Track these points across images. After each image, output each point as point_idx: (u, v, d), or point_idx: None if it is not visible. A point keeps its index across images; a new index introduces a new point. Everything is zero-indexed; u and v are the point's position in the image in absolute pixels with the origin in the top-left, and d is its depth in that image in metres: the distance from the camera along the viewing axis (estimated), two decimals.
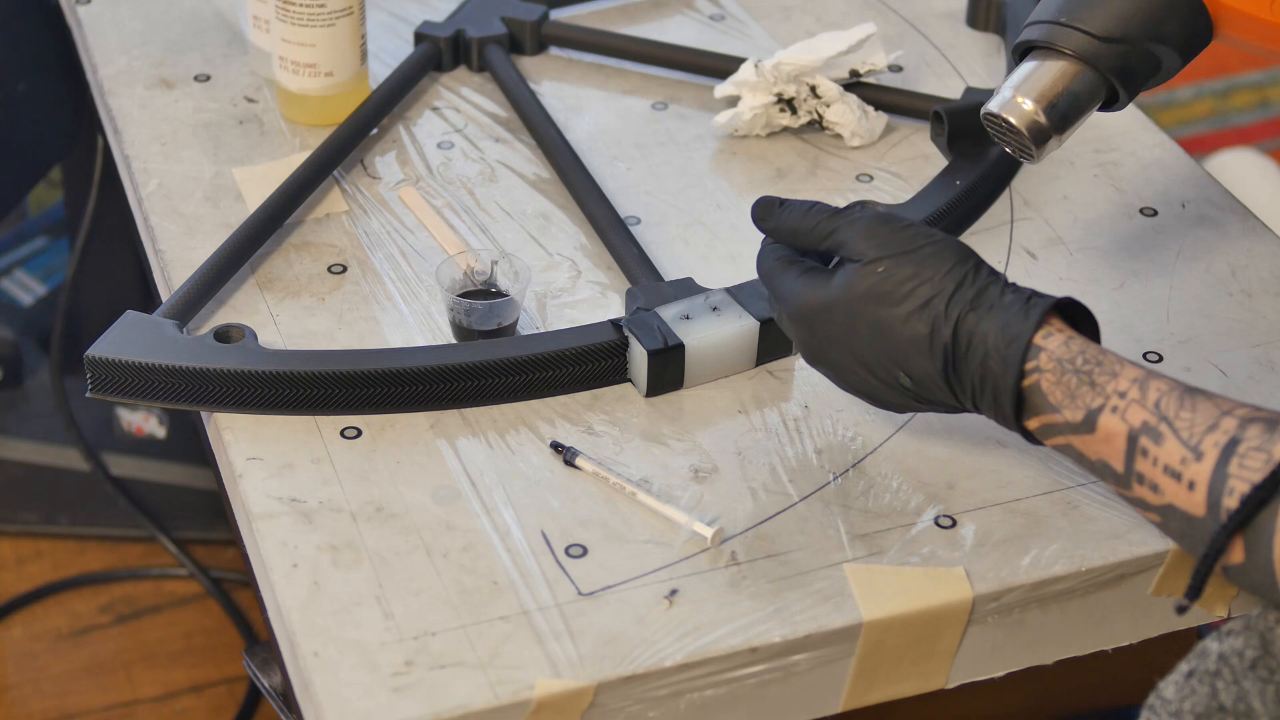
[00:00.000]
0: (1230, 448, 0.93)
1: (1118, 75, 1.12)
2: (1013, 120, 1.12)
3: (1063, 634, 1.08)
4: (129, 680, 1.86)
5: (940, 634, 1.05)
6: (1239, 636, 0.90)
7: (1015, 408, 1.00)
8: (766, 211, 1.10)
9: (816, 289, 1.05)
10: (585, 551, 1.06)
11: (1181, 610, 0.93)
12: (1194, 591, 0.93)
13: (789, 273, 1.08)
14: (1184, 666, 0.91)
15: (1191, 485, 0.94)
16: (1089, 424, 0.98)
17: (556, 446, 1.12)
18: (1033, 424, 1.01)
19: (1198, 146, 2.54)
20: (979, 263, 1.03)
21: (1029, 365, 0.99)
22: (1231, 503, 0.92)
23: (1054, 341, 1.00)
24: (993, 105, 1.13)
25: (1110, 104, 1.14)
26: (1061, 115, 1.12)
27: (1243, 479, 0.92)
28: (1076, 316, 1.03)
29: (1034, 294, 1.01)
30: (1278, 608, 0.90)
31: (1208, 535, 0.93)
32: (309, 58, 1.37)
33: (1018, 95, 1.12)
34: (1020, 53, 1.15)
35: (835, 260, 1.06)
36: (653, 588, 1.04)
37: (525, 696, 0.98)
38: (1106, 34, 1.11)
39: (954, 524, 1.08)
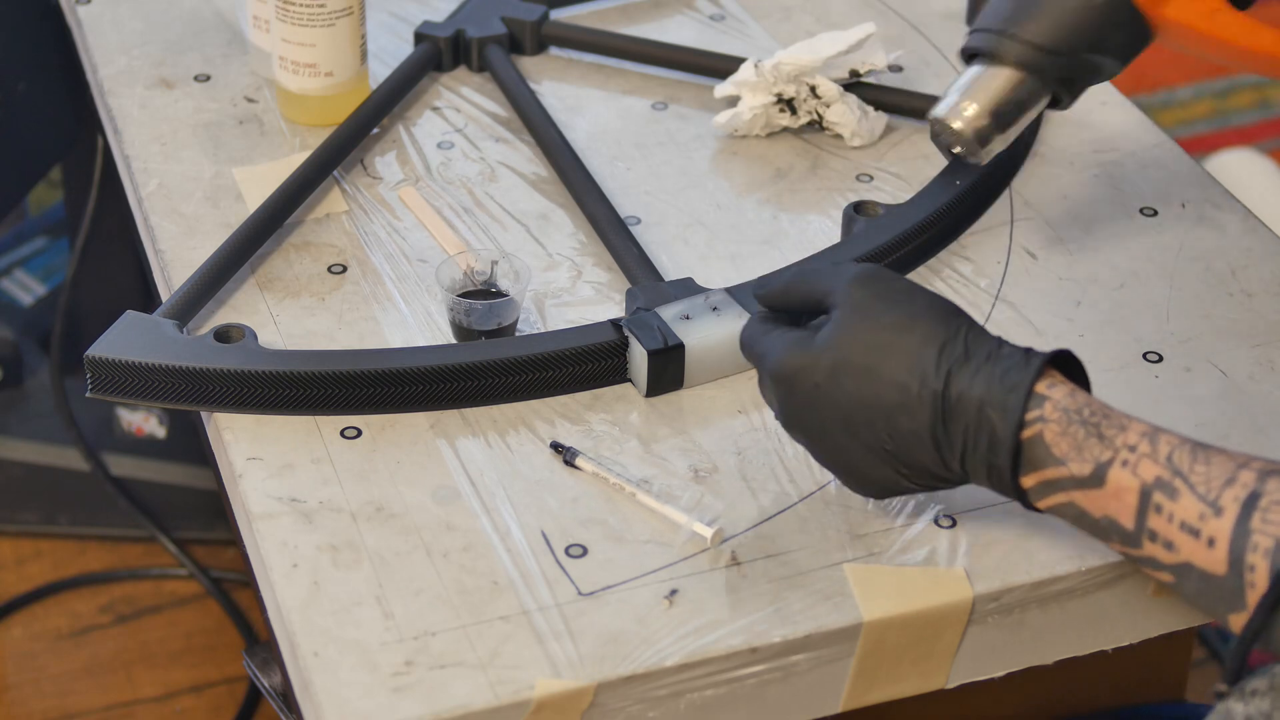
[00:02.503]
0: (1250, 502, 0.90)
1: (1059, 84, 1.16)
2: (956, 125, 1.17)
3: (1063, 634, 1.08)
4: (129, 680, 1.86)
5: (940, 634, 1.05)
6: (1264, 698, 0.88)
7: (1013, 460, 0.96)
8: (760, 284, 1.08)
9: (800, 344, 1.01)
10: (585, 551, 1.06)
11: (1221, 696, 0.88)
12: (1234, 675, 0.89)
13: (772, 333, 1.04)
14: None
15: (1211, 542, 0.91)
16: (1098, 478, 0.94)
17: (557, 447, 1.12)
18: (1029, 480, 0.97)
19: (1198, 146, 2.54)
20: (971, 321, 1.00)
21: (1031, 415, 0.96)
22: (1255, 559, 0.89)
23: (1059, 391, 0.96)
24: (939, 110, 1.18)
25: (1054, 105, 1.18)
26: (1004, 121, 1.17)
27: (1267, 534, 0.89)
28: (1071, 370, 0.99)
29: (1030, 349, 0.98)
30: None
31: (1228, 593, 0.90)
32: (309, 58, 1.37)
33: (963, 101, 1.17)
34: (967, 56, 1.18)
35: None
36: (653, 588, 1.04)
37: (525, 696, 0.98)
38: (1048, 46, 1.14)
39: (954, 524, 1.08)
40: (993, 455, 0.96)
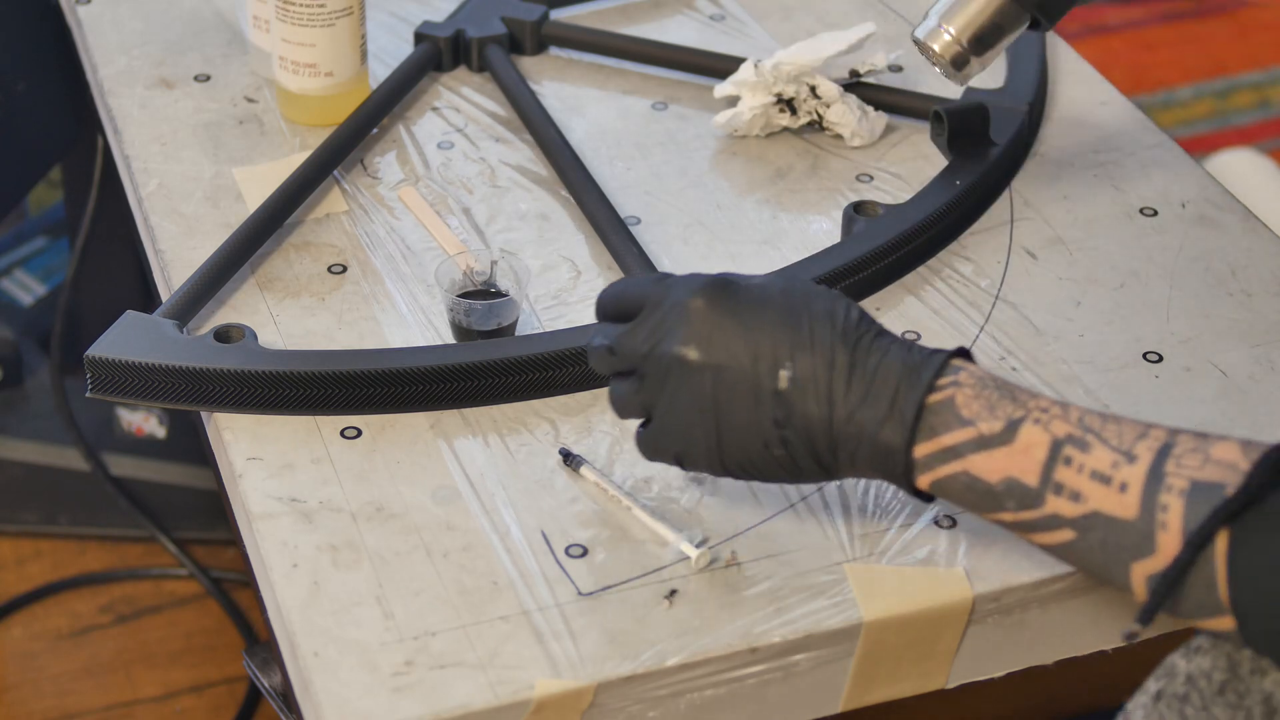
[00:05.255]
0: (1164, 451, 0.91)
1: (1037, 7, 1.19)
2: (935, 48, 1.20)
3: (1063, 634, 1.08)
4: (129, 680, 1.86)
5: (940, 634, 1.05)
6: (1206, 655, 0.88)
7: (915, 420, 0.95)
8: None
9: (723, 279, 1.00)
10: (585, 551, 1.06)
11: (1131, 637, 0.89)
12: (1149, 614, 0.89)
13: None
14: (1152, 686, 0.89)
15: (1123, 487, 0.91)
16: (1009, 433, 0.94)
17: (566, 454, 1.11)
18: (922, 449, 0.96)
19: (1198, 146, 2.54)
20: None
21: (944, 380, 0.95)
22: (1169, 499, 0.89)
23: (972, 365, 0.97)
24: (919, 32, 1.21)
25: (1034, 27, 1.21)
26: (982, 45, 1.20)
27: (1181, 475, 0.90)
28: None
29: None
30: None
31: (1137, 538, 0.90)
32: (309, 58, 1.37)
33: (942, 24, 1.20)
34: None
35: None
36: (653, 588, 1.04)
37: (525, 696, 0.98)
38: None
39: (954, 524, 1.08)
40: (895, 406, 0.95)
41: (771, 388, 0.97)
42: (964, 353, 0.98)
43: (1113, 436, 0.92)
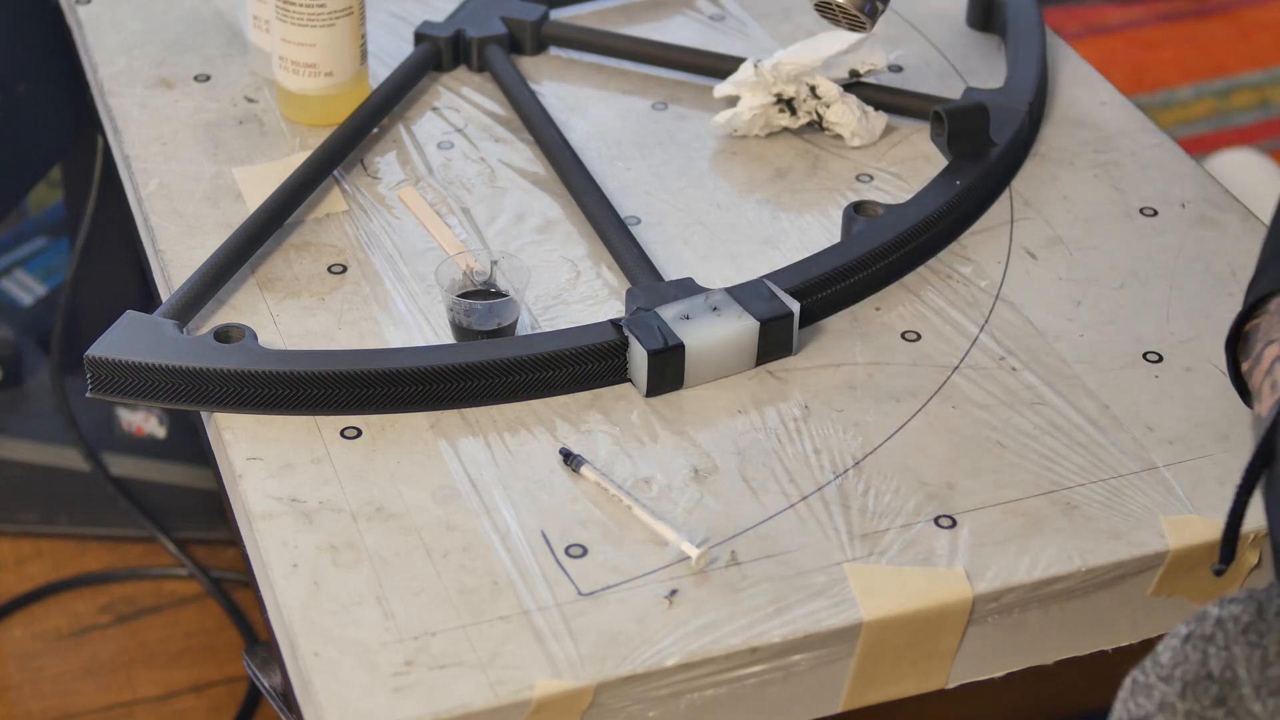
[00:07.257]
0: None
1: None
2: (842, 1, 1.28)
3: (1063, 634, 1.08)
4: (129, 680, 1.86)
5: (940, 634, 1.05)
6: (1239, 604, 0.91)
7: (1233, 341, 1.08)
8: None
9: None
10: (585, 551, 1.06)
11: (1219, 573, 0.98)
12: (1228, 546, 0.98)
13: None
14: (1182, 629, 0.91)
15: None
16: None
17: (566, 454, 1.11)
18: (1247, 365, 1.06)
19: (1198, 146, 2.54)
20: None
21: (1257, 312, 1.06)
22: None
23: None
24: None
25: None
26: None
27: None
28: None
29: None
30: None
31: None
32: (309, 58, 1.37)
33: None
34: None
35: None
36: (653, 588, 1.04)
37: (525, 696, 0.98)
38: None
39: (954, 524, 1.08)
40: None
41: None
42: None
43: None
